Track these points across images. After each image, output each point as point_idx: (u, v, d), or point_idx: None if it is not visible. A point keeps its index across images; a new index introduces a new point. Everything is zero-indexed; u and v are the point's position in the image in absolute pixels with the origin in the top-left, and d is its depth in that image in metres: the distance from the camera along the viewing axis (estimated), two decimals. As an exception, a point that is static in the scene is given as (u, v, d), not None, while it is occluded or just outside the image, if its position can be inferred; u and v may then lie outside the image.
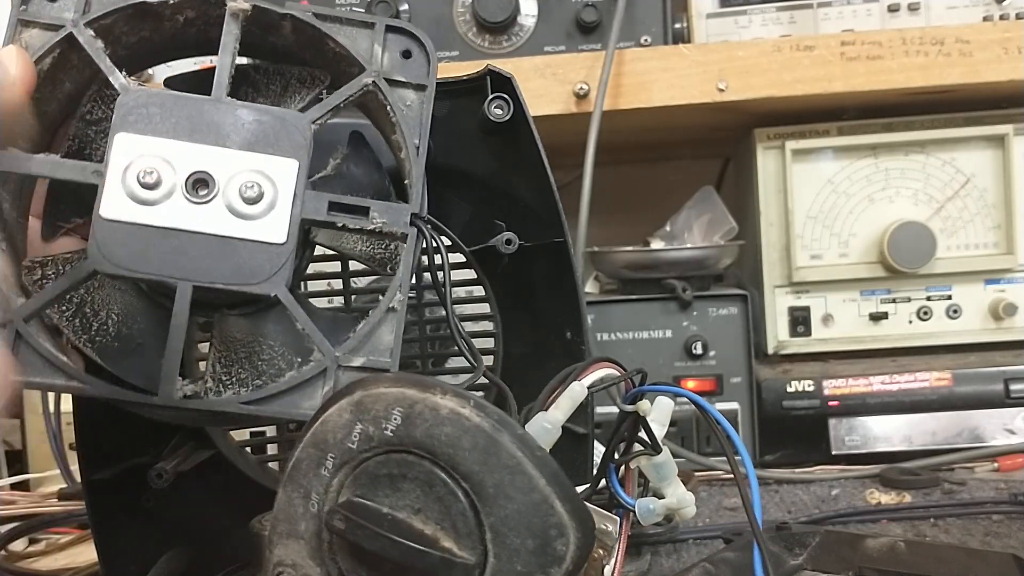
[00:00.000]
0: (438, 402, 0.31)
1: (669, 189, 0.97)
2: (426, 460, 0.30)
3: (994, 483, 0.67)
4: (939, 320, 0.82)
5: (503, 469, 0.30)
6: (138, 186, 0.35)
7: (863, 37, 0.74)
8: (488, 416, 0.30)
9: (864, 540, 0.48)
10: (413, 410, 0.31)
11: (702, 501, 0.67)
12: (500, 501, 0.30)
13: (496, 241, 0.50)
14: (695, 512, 0.42)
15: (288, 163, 0.36)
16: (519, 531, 0.30)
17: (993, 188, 0.81)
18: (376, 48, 0.39)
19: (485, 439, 0.30)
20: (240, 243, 0.35)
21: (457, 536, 0.30)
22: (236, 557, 0.49)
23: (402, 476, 0.31)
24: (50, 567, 0.63)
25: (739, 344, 0.78)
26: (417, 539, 0.30)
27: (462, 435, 0.30)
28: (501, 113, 0.49)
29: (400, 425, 0.31)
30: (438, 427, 0.30)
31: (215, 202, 0.35)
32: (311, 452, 0.32)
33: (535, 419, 0.37)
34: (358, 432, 0.31)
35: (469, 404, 0.31)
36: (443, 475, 0.30)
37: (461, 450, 0.30)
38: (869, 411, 0.75)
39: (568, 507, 0.30)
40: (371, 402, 0.31)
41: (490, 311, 0.53)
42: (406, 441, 0.31)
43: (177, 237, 0.35)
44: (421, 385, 0.31)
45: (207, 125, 0.36)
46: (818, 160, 0.82)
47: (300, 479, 0.32)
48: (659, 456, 0.40)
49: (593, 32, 0.79)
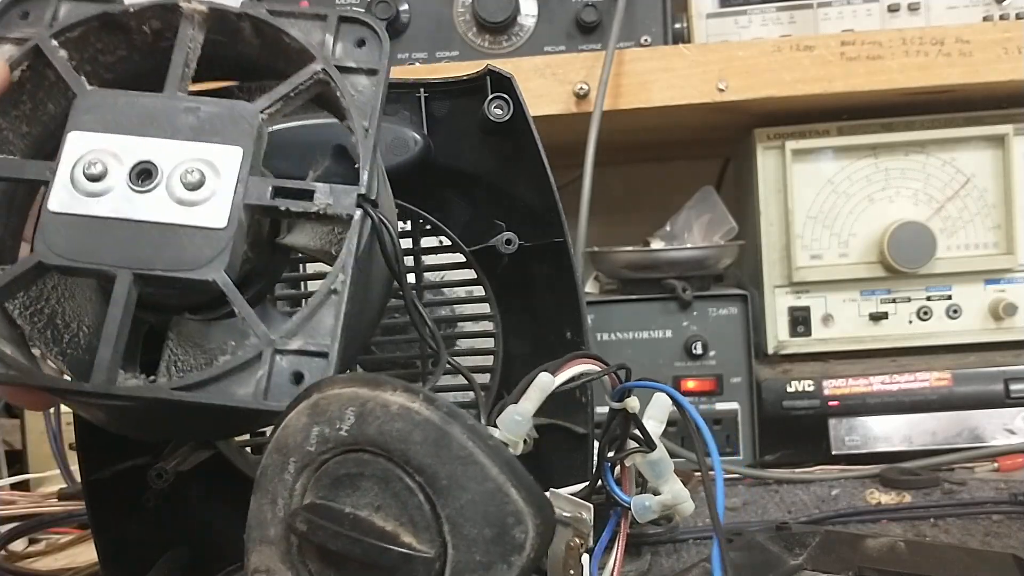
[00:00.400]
0: (388, 398, 0.31)
1: (669, 189, 0.97)
2: (381, 457, 0.31)
3: (994, 483, 0.67)
4: (939, 320, 0.82)
5: (455, 460, 0.30)
6: (84, 179, 0.35)
7: (863, 37, 0.74)
8: (437, 408, 0.31)
9: (864, 540, 0.48)
10: (365, 408, 0.31)
11: (701, 500, 0.66)
12: (454, 492, 0.30)
13: (496, 241, 0.50)
14: (693, 509, 0.42)
15: (233, 150, 0.36)
16: (476, 521, 0.30)
17: (993, 188, 0.81)
18: (328, 38, 0.40)
19: (435, 432, 0.30)
20: (181, 229, 0.35)
21: (416, 530, 0.30)
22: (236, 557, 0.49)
23: (360, 475, 0.31)
24: (50, 567, 0.63)
25: (739, 344, 0.78)
26: (377, 536, 0.30)
27: (413, 429, 0.30)
28: (501, 113, 0.49)
29: (353, 424, 0.31)
30: (389, 423, 0.31)
31: (158, 191, 0.35)
32: (275, 458, 0.33)
33: (507, 411, 0.38)
34: (315, 434, 0.32)
35: (419, 398, 0.31)
36: (398, 471, 0.31)
37: (413, 444, 0.30)
38: (869, 411, 0.75)
39: (524, 494, 0.30)
40: (326, 404, 0.32)
41: (490, 311, 0.53)
42: (360, 440, 0.31)
43: (120, 227, 0.35)
44: (372, 383, 0.32)
45: (157, 119, 0.36)
46: (818, 160, 0.82)
47: (267, 485, 0.33)
48: (654, 453, 0.40)
49: (593, 32, 0.79)
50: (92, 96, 0.37)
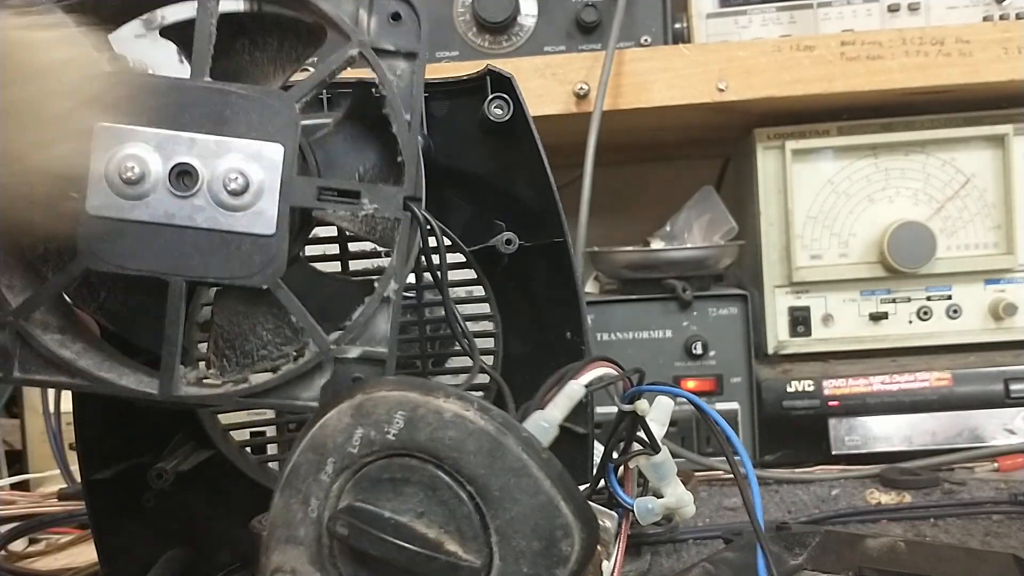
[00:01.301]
0: (441, 405, 0.31)
1: (669, 189, 0.97)
2: (429, 464, 0.30)
3: (994, 483, 0.67)
4: (939, 320, 0.82)
5: (508, 472, 0.30)
6: (121, 181, 0.34)
7: (863, 37, 0.74)
8: (492, 419, 0.30)
9: (864, 540, 0.48)
10: (416, 413, 0.31)
11: (702, 501, 0.67)
12: (506, 504, 0.30)
13: (496, 241, 0.50)
14: (694, 512, 0.42)
15: (273, 148, 0.35)
16: (525, 533, 0.30)
17: (993, 188, 0.81)
18: (362, 13, 0.37)
19: (490, 442, 0.30)
20: (229, 235, 0.35)
21: (462, 539, 0.30)
22: (236, 557, 0.49)
23: (405, 480, 0.31)
24: (50, 567, 0.63)
25: (739, 344, 0.78)
26: (421, 543, 0.30)
27: (467, 438, 0.30)
28: (501, 113, 0.49)
29: (403, 429, 0.31)
30: (442, 430, 0.30)
31: (200, 194, 0.35)
32: (310, 457, 0.32)
33: (532, 418, 0.37)
34: (359, 436, 0.31)
35: (473, 407, 0.31)
36: (447, 478, 0.30)
37: (466, 453, 0.30)
38: (869, 411, 0.75)
39: (573, 507, 0.30)
40: (372, 406, 0.31)
41: (490, 311, 0.53)
42: (409, 445, 0.31)
43: (165, 232, 0.35)
44: (424, 388, 0.31)
45: (188, 110, 0.35)
46: (818, 160, 0.82)
47: (298, 484, 0.32)
48: (658, 456, 0.40)
49: (593, 32, 0.79)
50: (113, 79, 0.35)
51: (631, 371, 0.40)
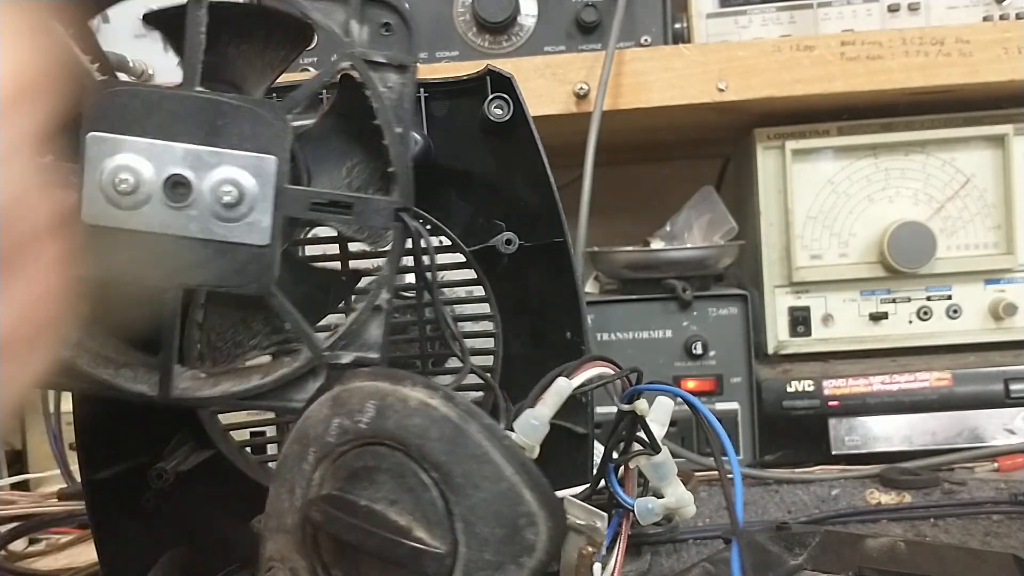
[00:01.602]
0: (408, 394, 0.31)
1: (669, 189, 0.97)
2: (398, 451, 0.31)
3: (994, 483, 0.67)
4: (939, 320, 0.82)
5: (470, 458, 0.30)
6: (115, 192, 0.34)
7: (863, 37, 0.74)
8: (456, 406, 0.31)
9: (864, 540, 0.48)
10: (385, 402, 0.31)
11: (702, 501, 0.67)
12: (468, 490, 0.30)
13: (496, 241, 0.50)
14: (695, 512, 0.42)
15: (266, 159, 0.35)
16: (488, 520, 0.30)
17: (993, 188, 0.81)
18: (352, 23, 0.37)
19: (452, 429, 0.31)
20: (224, 245, 0.35)
21: (428, 526, 0.30)
22: (236, 557, 0.49)
23: (377, 468, 0.31)
24: (50, 567, 0.63)
25: (739, 344, 0.78)
26: (391, 530, 0.30)
27: (430, 425, 0.31)
28: (501, 113, 0.49)
29: (373, 417, 0.31)
30: (408, 418, 0.31)
31: (194, 205, 0.35)
32: (295, 448, 0.33)
33: (523, 415, 0.37)
34: (335, 426, 0.32)
35: (438, 395, 0.31)
36: (413, 466, 0.31)
37: (429, 440, 0.31)
38: (869, 411, 0.75)
39: (537, 495, 0.31)
40: (347, 396, 0.32)
41: (490, 311, 0.53)
42: (379, 433, 0.31)
43: (161, 241, 0.35)
44: (393, 378, 0.32)
45: (180, 120, 0.35)
46: (818, 160, 0.82)
47: (286, 474, 0.33)
48: (658, 456, 0.40)
49: (593, 32, 0.79)
50: (103, 89, 0.35)
51: (628, 370, 0.40)
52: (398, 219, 0.38)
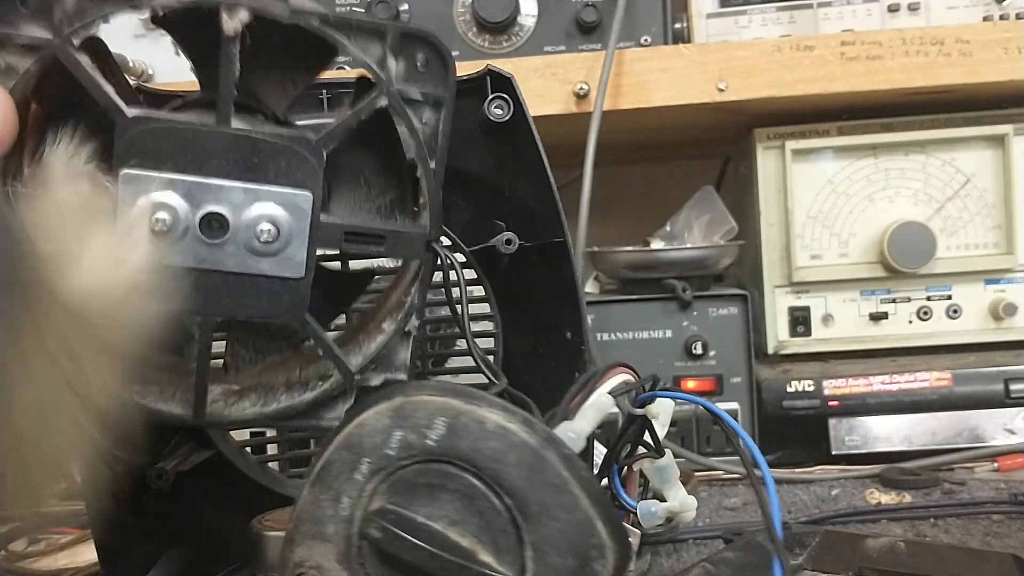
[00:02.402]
0: (485, 415, 0.30)
1: (669, 189, 0.97)
2: (468, 473, 0.30)
3: (994, 483, 0.67)
4: (939, 320, 0.82)
5: (548, 487, 0.30)
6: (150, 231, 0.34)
7: (863, 37, 0.74)
8: (536, 432, 0.30)
9: (864, 540, 0.48)
10: (458, 421, 0.30)
11: (702, 501, 0.67)
12: (543, 519, 0.30)
13: (496, 241, 0.50)
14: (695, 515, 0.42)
15: (302, 196, 0.35)
16: (560, 550, 0.30)
17: (993, 188, 0.81)
18: (389, 60, 0.37)
19: (532, 456, 0.30)
20: (259, 279, 0.35)
21: (497, 551, 0.30)
22: (236, 557, 0.49)
23: (441, 487, 0.30)
24: (50, 567, 0.63)
25: (739, 344, 0.78)
26: (455, 552, 0.30)
27: (508, 450, 0.30)
28: (501, 113, 0.49)
29: (444, 435, 0.30)
30: (484, 440, 0.30)
31: (230, 241, 0.35)
32: (344, 455, 0.32)
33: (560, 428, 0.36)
34: (398, 439, 0.31)
35: (516, 419, 0.30)
36: (486, 489, 0.30)
37: (507, 465, 0.30)
38: (869, 411, 0.75)
39: (610, 528, 0.30)
40: (413, 409, 0.31)
41: (490, 311, 0.53)
42: (449, 452, 0.30)
43: (194, 275, 0.35)
44: (467, 396, 0.31)
45: (214, 157, 0.34)
46: (818, 160, 0.82)
47: (331, 481, 0.32)
48: (662, 459, 0.40)
49: (593, 32, 0.79)
50: (136, 124, 0.34)
51: (647, 378, 0.40)
52: (429, 249, 0.38)
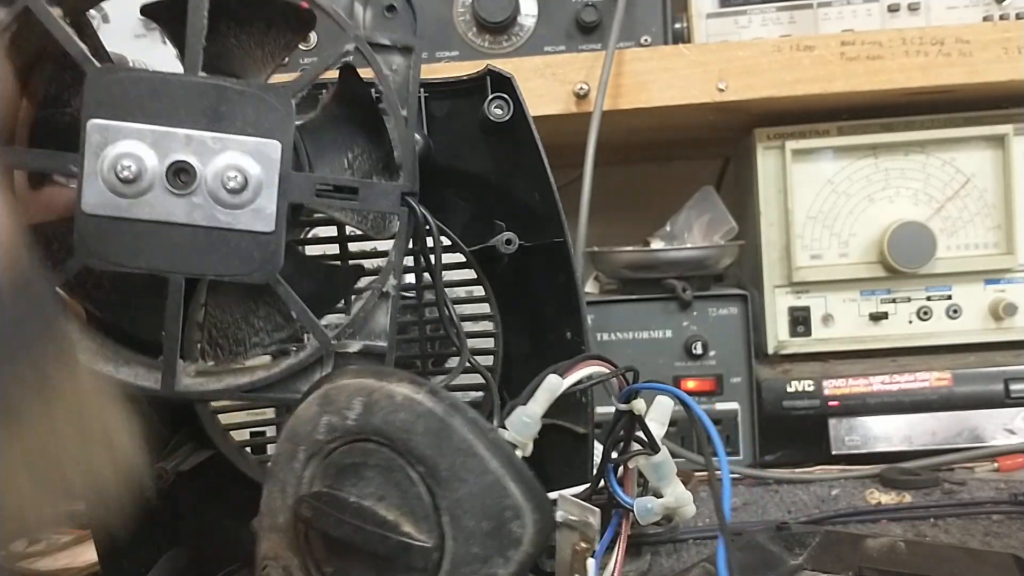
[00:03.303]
0: (394, 389, 0.31)
1: (669, 189, 0.97)
2: (385, 447, 0.31)
3: (994, 483, 0.67)
4: (939, 320, 0.82)
5: (456, 452, 0.30)
6: (117, 180, 0.34)
7: (863, 37, 0.74)
8: (441, 400, 0.31)
9: (864, 540, 0.48)
10: (371, 398, 0.31)
11: (702, 501, 0.66)
12: (454, 484, 0.30)
13: (496, 241, 0.50)
14: (694, 511, 0.42)
15: (271, 145, 0.35)
16: (474, 513, 0.30)
17: (993, 188, 0.81)
18: (356, 6, 0.38)
19: (437, 423, 0.31)
20: (228, 233, 0.35)
21: (415, 520, 0.31)
22: (236, 557, 0.49)
23: (364, 464, 0.31)
24: (50, 567, 0.63)
25: (739, 344, 0.77)
26: (379, 525, 0.30)
27: (416, 419, 0.31)
28: (501, 113, 0.49)
29: (360, 414, 0.31)
30: (394, 413, 0.31)
31: (198, 192, 0.34)
32: (286, 446, 0.33)
33: (515, 413, 0.38)
34: (324, 423, 0.32)
35: (423, 390, 0.31)
36: (400, 460, 0.31)
37: (415, 434, 0.31)
38: (869, 411, 0.75)
39: (523, 489, 0.31)
40: (336, 393, 0.32)
41: (490, 311, 0.53)
42: (367, 429, 0.31)
43: (163, 229, 0.34)
44: (379, 374, 0.32)
45: (182, 106, 0.34)
46: (818, 160, 0.82)
47: (277, 473, 0.33)
48: (657, 456, 0.40)
49: (593, 32, 0.79)
50: (104, 75, 0.34)
51: (623, 369, 0.40)
52: (404, 203, 0.37)
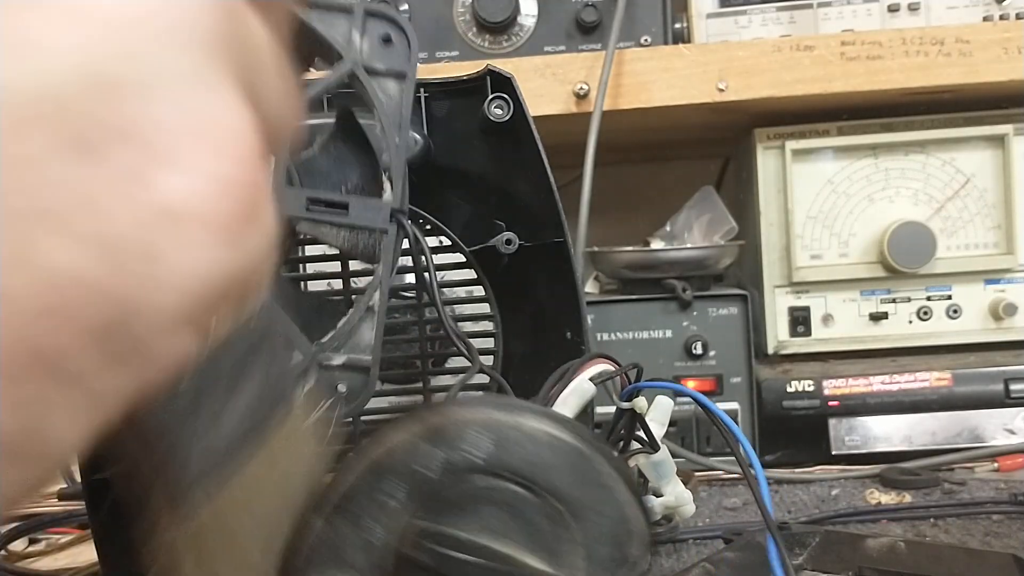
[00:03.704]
0: (530, 425, 0.31)
1: (669, 189, 0.97)
2: (515, 483, 0.30)
3: (994, 483, 0.67)
4: (939, 320, 0.82)
5: (597, 487, 0.30)
6: None
7: (863, 37, 0.74)
8: (581, 436, 0.31)
9: (864, 540, 0.48)
10: (504, 434, 0.30)
11: (702, 501, 0.67)
12: (592, 518, 0.30)
13: (496, 241, 0.50)
14: (694, 511, 0.42)
15: None
16: (605, 543, 0.30)
17: (993, 188, 0.81)
18: (355, 35, 0.38)
19: (581, 459, 0.30)
20: None
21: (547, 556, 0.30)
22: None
23: (486, 500, 0.30)
24: (50, 567, 0.63)
25: (739, 344, 0.77)
26: (506, 562, 0.30)
27: (560, 457, 0.30)
28: (501, 113, 0.49)
29: (492, 451, 0.30)
30: (534, 450, 0.30)
31: None
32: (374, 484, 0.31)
33: None
34: (440, 460, 0.30)
35: (564, 426, 0.31)
36: (533, 497, 0.30)
37: (560, 473, 0.30)
38: (869, 411, 0.75)
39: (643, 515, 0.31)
40: (452, 429, 0.31)
41: (490, 311, 0.53)
42: (498, 466, 0.30)
43: None
44: (506, 407, 0.31)
45: None
46: (818, 160, 0.82)
47: (358, 513, 0.31)
48: (657, 455, 0.40)
49: (593, 32, 0.79)
50: None
51: (629, 366, 0.40)
52: (394, 219, 0.38)
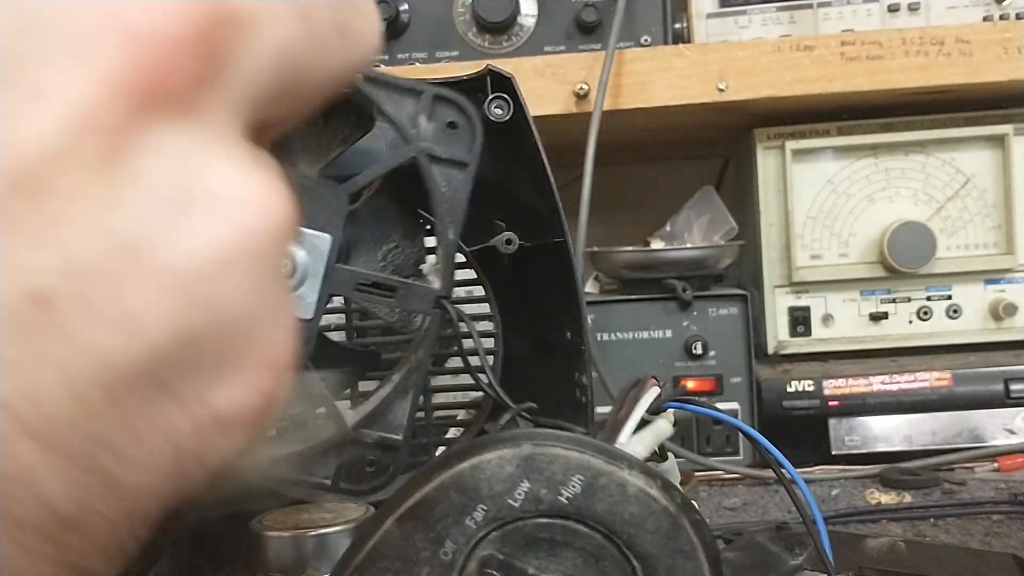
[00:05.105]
0: (627, 479, 0.30)
1: (669, 189, 0.97)
2: (598, 533, 0.30)
3: (994, 483, 0.67)
4: (939, 320, 0.82)
5: (678, 554, 0.30)
6: None
7: (863, 37, 0.74)
8: (674, 499, 0.31)
9: (864, 540, 0.48)
10: (597, 482, 0.30)
11: (702, 501, 0.67)
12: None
13: (496, 241, 0.50)
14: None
15: (322, 238, 0.36)
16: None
17: (993, 188, 0.81)
18: (421, 119, 0.39)
19: (670, 523, 0.30)
20: None
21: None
22: (236, 557, 0.49)
23: (565, 544, 0.30)
24: (50, 567, 0.63)
25: (739, 344, 0.77)
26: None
27: (648, 516, 0.30)
28: (501, 113, 0.49)
29: (579, 495, 0.30)
30: (623, 504, 0.30)
31: None
32: (453, 497, 0.31)
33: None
34: (525, 490, 0.30)
35: (657, 484, 0.31)
36: (615, 551, 0.30)
37: (644, 531, 0.30)
38: (869, 411, 0.75)
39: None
40: (546, 462, 0.30)
41: (490, 311, 0.53)
42: (583, 512, 0.30)
43: None
44: (605, 455, 0.31)
45: None
46: (818, 160, 0.82)
47: (431, 521, 0.31)
48: (665, 463, 0.40)
49: (593, 32, 0.79)
50: None
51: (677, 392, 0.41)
52: (438, 306, 0.38)
